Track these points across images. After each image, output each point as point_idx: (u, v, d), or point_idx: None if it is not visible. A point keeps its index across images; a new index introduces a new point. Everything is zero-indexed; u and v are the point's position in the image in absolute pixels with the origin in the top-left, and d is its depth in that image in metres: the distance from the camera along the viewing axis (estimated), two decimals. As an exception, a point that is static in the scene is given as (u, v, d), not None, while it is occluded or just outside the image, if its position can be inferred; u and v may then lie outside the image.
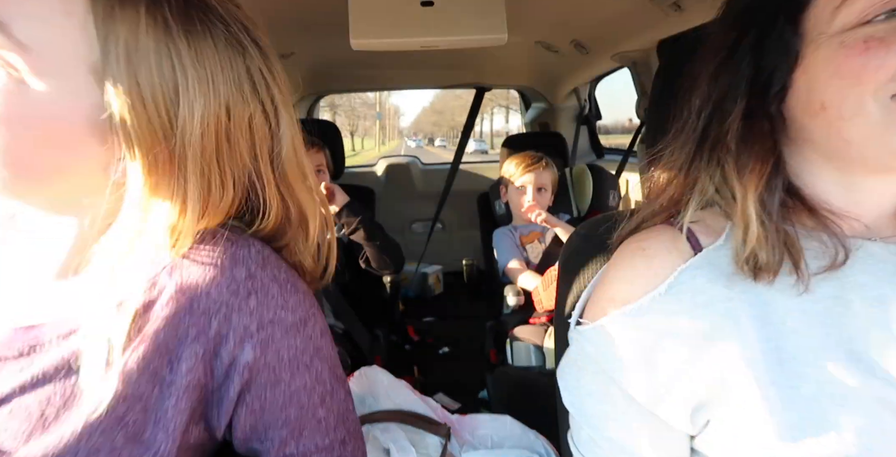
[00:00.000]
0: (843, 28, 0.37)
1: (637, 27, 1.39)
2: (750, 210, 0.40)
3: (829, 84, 0.37)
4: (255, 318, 0.42)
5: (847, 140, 0.38)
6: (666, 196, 0.48)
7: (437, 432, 0.78)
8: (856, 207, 0.42)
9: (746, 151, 0.42)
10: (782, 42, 0.40)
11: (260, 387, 0.43)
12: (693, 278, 0.42)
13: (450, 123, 45.64)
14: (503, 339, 1.51)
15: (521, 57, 2.04)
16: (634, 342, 0.43)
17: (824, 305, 0.40)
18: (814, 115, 0.39)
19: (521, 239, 1.68)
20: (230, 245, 0.43)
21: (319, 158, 1.46)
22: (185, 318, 0.40)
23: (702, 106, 0.44)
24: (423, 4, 1.08)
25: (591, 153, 2.52)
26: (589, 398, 0.46)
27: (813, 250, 0.40)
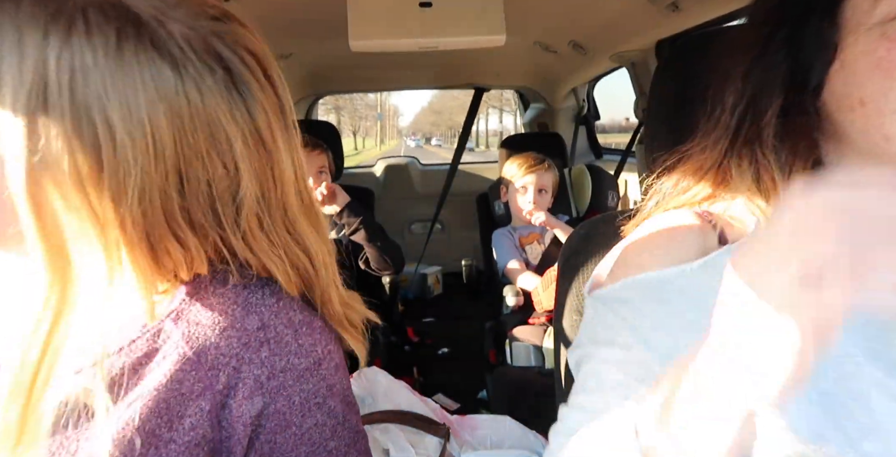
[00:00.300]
0: (884, 18, 0.35)
1: (635, 27, 1.39)
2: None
3: (870, 78, 0.35)
4: (265, 368, 0.39)
5: (887, 136, 0.36)
6: (686, 187, 0.48)
7: (436, 433, 0.78)
8: None
9: (786, 148, 0.41)
10: (819, 35, 0.38)
11: (269, 433, 0.40)
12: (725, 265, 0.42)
13: (447, 123, 45.96)
14: (502, 339, 1.51)
15: (519, 57, 2.04)
16: (650, 306, 0.41)
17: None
18: (850, 110, 0.37)
19: (521, 240, 1.68)
20: (242, 289, 0.40)
21: (322, 159, 1.47)
22: (190, 373, 0.37)
23: (735, 103, 0.43)
24: (422, 5, 1.08)
25: (590, 153, 2.52)
26: (594, 346, 0.44)
27: None
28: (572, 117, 2.47)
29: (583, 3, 1.31)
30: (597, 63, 1.83)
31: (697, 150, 0.46)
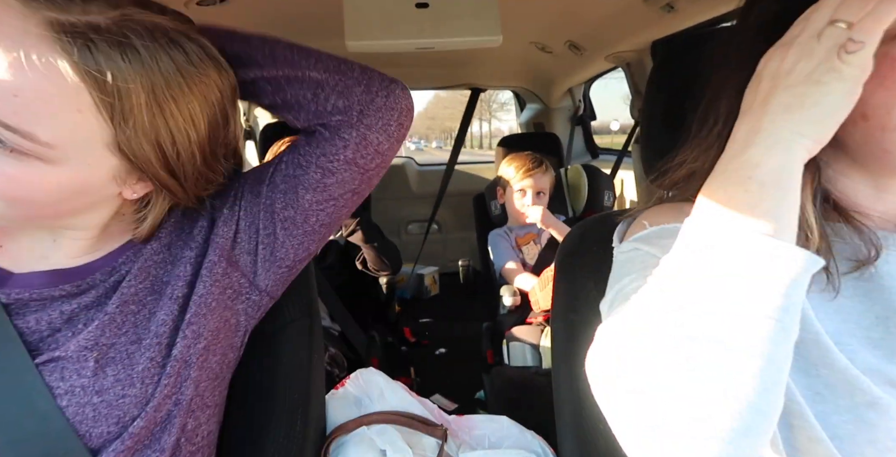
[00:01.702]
0: (886, 36, 0.35)
1: (631, 28, 1.39)
2: (809, 214, 0.40)
3: (874, 95, 0.36)
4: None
5: (886, 149, 0.38)
6: (678, 194, 0.48)
7: (433, 434, 0.78)
8: (883, 203, 0.42)
9: None
10: None
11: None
12: None
13: (441, 127, 47.10)
14: (500, 339, 1.51)
15: (515, 58, 2.04)
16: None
17: (845, 295, 0.40)
18: (852, 124, 0.38)
19: (517, 241, 1.68)
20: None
21: None
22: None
23: (730, 114, 0.43)
24: (418, 6, 1.08)
25: (586, 153, 2.53)
26: (628, 268, 0.45)
27: (842, 251, 0.41)
28: (568, 118, 2.47)
29: (578, 3, 1.31)
30: (593, 63, 1.83)
31: (690, 158, 0.47)
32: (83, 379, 0.46)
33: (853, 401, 0.37)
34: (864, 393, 0.37)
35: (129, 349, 0.48)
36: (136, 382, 0.47)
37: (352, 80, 0.54)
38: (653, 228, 0.45)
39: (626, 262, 0.46)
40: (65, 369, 0.45)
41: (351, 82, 0.54)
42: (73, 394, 0.45)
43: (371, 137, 0.54)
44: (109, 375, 0.47)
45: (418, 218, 2.79)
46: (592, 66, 1.89)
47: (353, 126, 0.53)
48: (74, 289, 0.49)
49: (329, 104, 0.53)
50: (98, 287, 0.50)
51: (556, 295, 0.67)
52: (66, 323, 0.48)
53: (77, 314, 0.48)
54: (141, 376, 0.48)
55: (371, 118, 0.53)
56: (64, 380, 0.45)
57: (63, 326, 0.47)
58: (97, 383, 0.46)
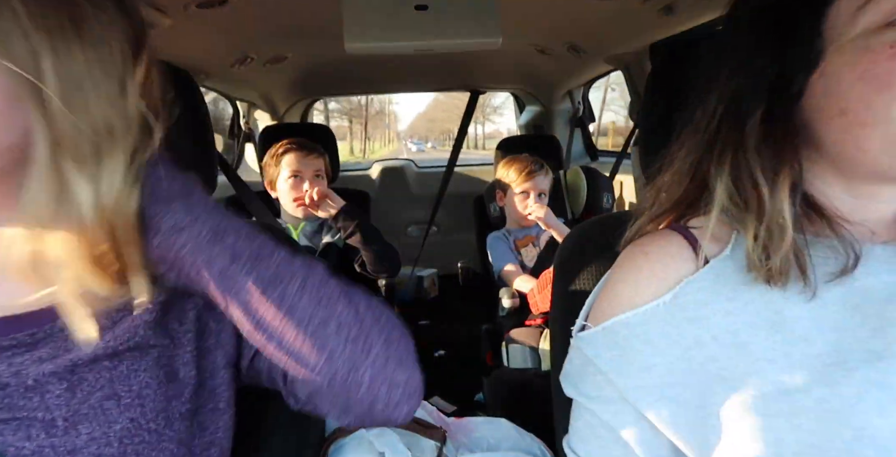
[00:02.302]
0: (866, 30, 0.35)
1: (630, 30, 1.40)
2: (786, 215, 0.39)
3: (852, 89, 0.36)
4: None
5: (862, 148, 0.37)
6: (670, 199, 0.48)
7: (432, 436, 0.77)
8: (861, 211, 0.42)
9: (769, 153, 0.41)
10: (803, 43, 0.38)
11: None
12: (698, 291, 0.42)
13: (440, 129, 47.70)
14: (499, 341, 1.51)
15: (515, 60, 2.04)
16: (631, 347, 0.43)
17: (835, 310, 0.39)
18: (829, 120, 0.38)
19: (516, 243, 1.68)
20: None
21: (319, 163, 1.46)
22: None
23: (716, 107, 0.43)
24: (417, 8, 1.08)
25: (585, 155, 2.53)
26: (586, 399, 0.47)
27: (821, 257, 0.40)
28: (568, 120, 2.47)
29: (578, 5, 1.31)
30: (592, 65, 1.84)
31: (680, 155, 0.47)
32: (53, 438, 0.40)
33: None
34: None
35: (105, 406, 0.42)
36: (114, 441, 0.42)
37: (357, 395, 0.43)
38: (595, 331, 0.46)
39: (578, 369, 0.48)
40: (31, 428, 0.40)
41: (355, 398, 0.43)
42: (42, 455, 0.40)
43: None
44: (83, 433, 0.41)
45: (417, 220, 2.78)
46: (592, 69, 1.90)
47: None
48: (28, 339, 0.41)
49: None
50: (56, 337, 0.42)
51: (555, 297, 0.67)
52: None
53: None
54: (119, 435, 0.42)
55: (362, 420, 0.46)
56: (30, 439, 0.40)
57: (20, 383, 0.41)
58: (69, 441, 0.40)
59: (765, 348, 0.39)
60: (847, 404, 0.36)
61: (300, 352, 0.41)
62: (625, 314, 0.44)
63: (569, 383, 0.49)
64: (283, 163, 1.43)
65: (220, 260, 0.40)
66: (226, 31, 1.34)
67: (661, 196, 0.49)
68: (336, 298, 0.42)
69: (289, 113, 2.55)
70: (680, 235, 0.46)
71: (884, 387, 0.36)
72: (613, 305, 0.45)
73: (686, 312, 0.42)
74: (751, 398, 0.38)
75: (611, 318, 0.45)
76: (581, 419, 0.47)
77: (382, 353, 0.43)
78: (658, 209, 0.49)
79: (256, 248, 0.41)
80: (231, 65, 1.61)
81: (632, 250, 0.48)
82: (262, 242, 0.42)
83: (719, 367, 0.40)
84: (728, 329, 0.40)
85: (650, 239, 0.48)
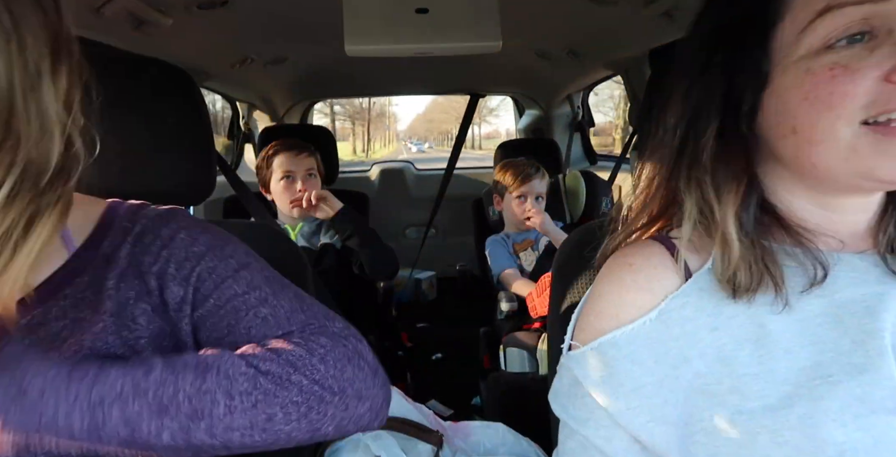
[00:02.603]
0: (808, 52, 0.37)
1: (629, 36, 1.40)
2: (730, 229, 0.40)
3: (800, 109, 0.37)
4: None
5: (815, 164, 0.38)
6: (647, 212, 0.48)
7: (429, 440, 0.77)
8: (830, 223, 0.42)
9: (722, 169, 0.42)
10: (751, 62, 0.40)
11: (201, 306, 0.45)
12: (682, 307, 0.42)
13: (438, 129, 48.27)
14: (497, 345, 1.51)
15: (514, 64, 2.05)
16: (620, 368, 0.43)
17: (816, 323, 0.39)
18: (783, 136, 0.39)
19: (515, 247, 1.68)
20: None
21: (311, 162, 1.46)
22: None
23: (677, 123, 0.44)
24: (418, 11, 1.08)
25: (585, 160, 2.54)
26: (575, 422, 0.46)
27: (794, 268, 0.40)
28: (567, 124, 2.48)
29: (578, 10, 1.32)
30: (592, 70, 1.84)
31: (649, 170, 0.47)
32: None
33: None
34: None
35: None
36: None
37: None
38: (582, 351, 0.45)
39: (567, 390, 0.47)
40: None
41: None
42: None
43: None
44: None
45: (416, 222, 2.78)
46: (591, 73, 1.90)
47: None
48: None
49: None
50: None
51: (554, 301, 0.66)
52: None
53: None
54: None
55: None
56: None
57: None
58: None
59: (749, 363, 0.39)
60: (829, 418, 0.36)
61: (256, 446, 0.39)
62: (611, 333, 0.43)
63: (558, 404, 0.48)
64: (275, 164, 1.43)
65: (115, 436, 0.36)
66: (226, 32, 1.34)
67: (636, 211, 0.49)
68: (272, 391, 0.39)
69: (289, 114, 2.55)
70: (662, 245, 0.46)
71: (865, 401, 0.36)
72: (600, 321, 0.45)
73: (672, 329, 0.42)
74: (736, 414, 0.38)
75: (598, 335, 0.44)
76: (572, 440, 0.46)
77: (339, 405, 0.41)
78: (635, 225, 0.49)
79: (153, 400, 0.36)
80: (231, 66, 1.61)
81: (614, 262, 0.48)
82: (156, 389, 0.36)
83: (705, 382, 0.40)
84: (713, 344, 0.40)
85: (633, 250, 0.47)
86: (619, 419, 0.42)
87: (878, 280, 0.40)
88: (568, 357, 0.47)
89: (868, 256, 0.42)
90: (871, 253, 0.42)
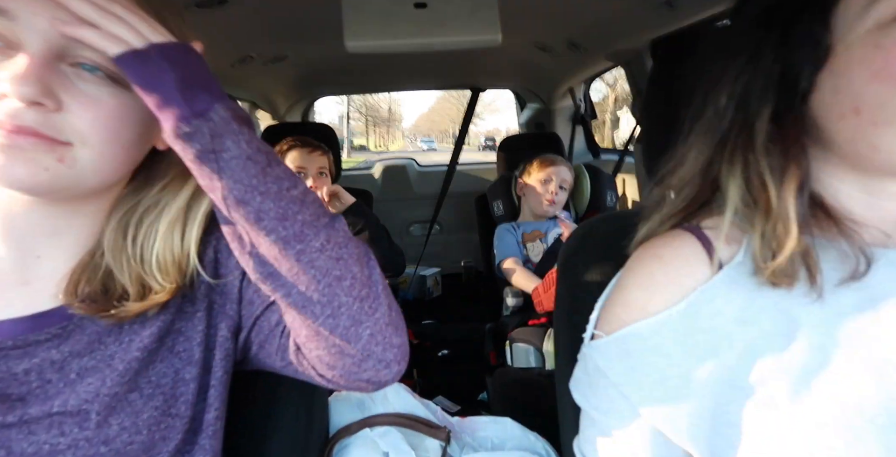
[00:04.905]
0: (877, 24, 0.34)
1: (630, 26, 1.39)
2: (790, 214, 0.38)
3: (867, 87, 0.35)
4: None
5: (876, 146, 0.36)
6: (683, 197, 0.47)
7: (436, 436, 0.77)
8: (877, 212, 0.40)
9: (778, 153, 0.40)
10: (811, 38, 0.37)
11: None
12: (711, 299, 0.41)
13: (440, 128, 48.74)
14: (503, 341, 1.51)
15: (515, 57, 2.04)
16: (646, 360, 0.42)
17: (850, 317, 0.38)
18: (841, 118, 0.37)
19: (524, 236, 1.68)
20: None
21: (323, 161, 1.47)
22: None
23: (725, 106, 0.42)
24: (417, 6, 1.07)
25: (588, 153, 2.52)
26: (597, 412, 0.46)
27: (832, 260, 0.39)
28: (569, 117, 2.46)
29: (578, 2, 1.31)
30: (593, 62, 1.83)
31: (691, 155, 0.46)
32: (86, 431, 0.42)
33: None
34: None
35: (130, 398, 0.45)
36: (143, 429, 0.45)
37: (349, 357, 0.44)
38: (607, 340, 0.45)
39: (589, 379, 0.47)
40: (64, 424, 0.42)
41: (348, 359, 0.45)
42: (78, 447, 0.42)
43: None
44: (114, 424, 0.43)
45: (420, 219, 2.78)
46: (593, 65, 1.89)
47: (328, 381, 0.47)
48: (61, 331, 0.44)
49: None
50: (87, 331, 0.44)
51: (559, 296, 0.66)
52: (57, 373, 0.43)
53: (68, 362, 0.43)
54: (147, 423, 0.45)
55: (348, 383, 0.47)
56: (65, 435, 0.41)
57: (54, 377, 0.43)
58: (101, 433, 0.43)
59: (780, 357, 0.38)
60: (866, 417, 0.35)
61: (309, 300, 0.42)
62: (637, 324, 0.43)
63: (579, 393, 0.48)
64: (287, 160, 1.43)
65: (249, 213, 0.40)
66: (225, 31, 1.34)
67: (672, 197, 0.48)
68: (354, 260, 0.44)
69: (289, 112, 2.55)
70: (693, 236, 0.45)
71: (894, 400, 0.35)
72: (626, 312, 0.44)
73: (700, 322, 0.41)
74: (763, 408, 0.37)
75: (623, 326, 0.44)
76: (593, 428, 0.46)
77: (384, 315, 0.44)
78: (670, 210, 0.48)
79: (284, 206, 0.41)
80: (231, 64, 1.61)
81: (644, 253, 0.47)
82: (290, 200, 0.41)
83: (732, 375, 0.39)
84: (742, 338, 0.39)
85: (663, 241, 0.46)
86: (642, 410, 0.42)
87: None
88: (591, 346, 0.47)
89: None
90: None
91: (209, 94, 0.39)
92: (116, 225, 0.47)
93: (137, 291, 0.46)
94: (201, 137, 0.38)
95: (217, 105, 0.39)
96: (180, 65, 0.39)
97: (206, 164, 0.39)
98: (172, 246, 0.47)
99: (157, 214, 0.48)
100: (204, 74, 0.40)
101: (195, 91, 0.38)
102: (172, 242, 0.48)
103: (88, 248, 0.47)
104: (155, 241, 0.47)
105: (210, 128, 0.38)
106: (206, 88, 0.39)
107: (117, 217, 0.48)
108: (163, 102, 0.38)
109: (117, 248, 0.46)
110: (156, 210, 0.48)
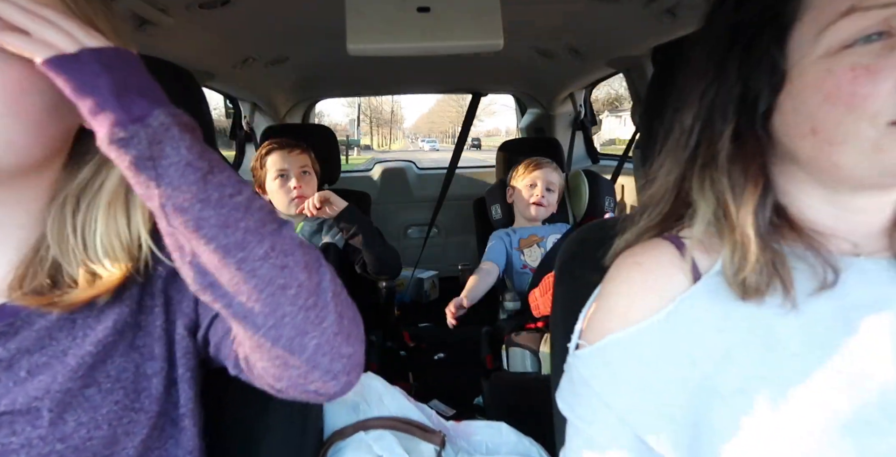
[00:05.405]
0: (827, 51, 0.36)
1: (631, 34, 1.40)
2: (748, 231, 0.40)
3: (821, 110, 0.37)
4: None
5: (836, 163, 0.38)
6: (658, 212, 0.48)
7: (431, 440, 0.77)
8: (844, 224, 0.42)
9: (738, 170, 0.42)
10: (768, 62, 0.40)
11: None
12: (691, 308, 0.42)
13: (440, 129, 49.01)
14: (499, 344, 1.51)
15: (516, 62, 2.04)
16: (627, 368, 0.42)
17: (825, 327, 0.39)
18: (801, 137, 0.39)
19: (520, 242, 1.68)
20: None
21: (304, 159, 1.46)
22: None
23: (692, 124, 0.44)
24: (420, 10, 1.08)
25: (587, 158, 2.53)
26: (581, 422, 0.46)
27: (805, 270, 0.40)
28: (569, 123, 2.47)
29: (580, 9, 1.31)
30: (593, 68, 1.84)
31: (662, 172, 0.47)
32: (39, 429, 0.41)
33: None
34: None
35: (87, 393, 0.43)
36: (103, 424, 0.43)
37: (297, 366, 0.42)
38: (590, 350, 0.45)
39: (574, 390, 0.47)
40: (15, 424, 0.41)
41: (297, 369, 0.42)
42: (32, 446, 0.41)
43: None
44: (70, 421, 0.42)
45: (418, 222, 2.78)
46: (593, 72, 1.90)
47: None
48: (7, 328, 0.43)
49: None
50: (36, 326, 0.43)
51: (556, 300, 0.66)
52: (6, 371, 0.42)
53: (17, 360, 0.42)
54: (107, 418, 0.44)
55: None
56: (17, 434, 0.40)
57: (2, 376, 0.42)
58: (56, 431, 0.42)
59: (758, 366, 0.39)
60: (841, 424, 0.35)
61: (250, 311, 0.40)
62: (617, 333, 0.43)
63: (564, 403, 0.48)
64: (268, 164, 1.43)
65: (186, 221, 0.38)
66: (228, 32, 1.34)
67: (647, 211, 0.49)
68: (301, 267, 0.41)
69: (290, 114, 2.55)
70: (672, 244, 0.45)
71: (871, 407, 0.35)
72: (607, 320, 0.45)
73: (679, 330, 0.41)
74: (742, 416, 0.38)
75: (606, 334, 0.44)
76: (578, 438, 0.46)
77: (333, 324, 0.42)
78: (646, 224, 0.49)
79: (226, 213, 0.39)
80: (233, 65, 1.61)
81: (624, 261, 0.48)
82: (233, 207, 0.39)
83: (712, 384, 0.40)
84: (720, 346, 0.40)
85: (642, 249, 0.47)
86: (626, 419, 0.42)
87: (891, 282, 0.40)
88: (575, 356, 0.47)
89: (881, 258, 0.41)
90: (884, 256, 0.42)
91: (148, 99, 0.38)
92: (57, 214, 0.46)
93: (87, 280, 0.44)
94: (138, 143, 0.36)
95: (157, 111, 0.37)
96: (116, 69, 0.37)
97: (142, 171, 0.37)
98: (118, 230, 0.46)
99: (93, 195, 0.46)
100: (143, 80, 0.39)
101: (132, 96, 0.37)
102: (117, 225, 0.46)
103: (31, 242, 0.46)
104: (96, 225, 0.46)
105: (148, 133, 0.37)
106: (144, 94, 0.38)
107: (57, 205, 0.46)
108: (97, 108, 0.36)
109: (62, 239, 0.45)
110: (91, 191, 0.46)
